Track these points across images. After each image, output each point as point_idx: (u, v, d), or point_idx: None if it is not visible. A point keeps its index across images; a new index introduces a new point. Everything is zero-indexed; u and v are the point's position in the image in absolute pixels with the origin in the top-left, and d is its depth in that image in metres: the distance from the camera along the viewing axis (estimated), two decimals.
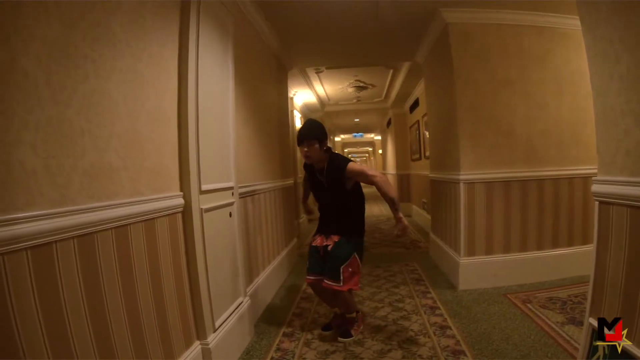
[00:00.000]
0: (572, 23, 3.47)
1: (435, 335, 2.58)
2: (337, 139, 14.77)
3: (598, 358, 1.66)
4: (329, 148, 2.66)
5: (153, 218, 1.70)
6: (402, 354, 2.36)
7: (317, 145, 2.52)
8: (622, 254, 1.60)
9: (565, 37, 3.51)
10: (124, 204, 1.50)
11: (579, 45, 3.49)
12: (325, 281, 2.52)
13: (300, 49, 4.62)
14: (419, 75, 5.95)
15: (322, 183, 2.62)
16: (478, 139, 3.49)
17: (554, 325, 2.58)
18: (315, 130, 2.56)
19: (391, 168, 10.46)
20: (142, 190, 1.65)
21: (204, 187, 2.10)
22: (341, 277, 2.48)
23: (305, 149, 2.53)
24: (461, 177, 3.46)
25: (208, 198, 2.16)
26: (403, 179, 8.95)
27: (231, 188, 2.54)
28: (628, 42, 1.51)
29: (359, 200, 2.68)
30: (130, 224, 1.54)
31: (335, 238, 2.57)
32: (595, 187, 1.79)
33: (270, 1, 3.28)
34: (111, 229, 1.43)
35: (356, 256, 2.56)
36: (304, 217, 7.71)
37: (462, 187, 3.47)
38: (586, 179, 3.55)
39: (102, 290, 1.37)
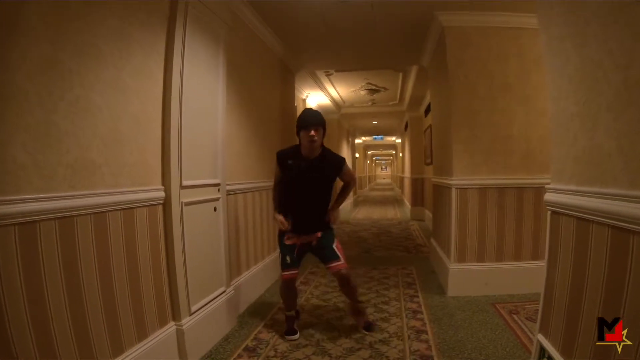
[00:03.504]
0: None
1: (409, 338, 2.75)
2: (358, 140, 14.98)
3: None
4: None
5: (132, 208, 2.03)
6: (370, 353, 2.55)
7: (322, 131, 2.67)
8: (568, 270, 1.63)
9: None
10: (103, 193, 1.83)
11: None
12: (332, 266, 2.74)
13: (305, 53, 4.92)
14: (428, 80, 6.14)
15: (307, 175, 2.68)
16: (473, 144, 3.63)
17: (533, 338, 2.63)
18: (320, 116, 2.70)
19: (407, 172, 10.60)
20: (123, 183, 1.97)
21: (186, 182, 2.42)
22: (339, 254, 2.75)
23: (313, 133, 2.60)
24: (453, 182, 3.63)
25: (190, 193, 2.48)
26: (417, 183, 9.10)
27: (217, 185, 2.85)
28: (575, 39, 1.52)
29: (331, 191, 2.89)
30: (108, 211, 1.86)
31: (318, 234, 2.77)
32: (547, 196, 1.83)
33: (270, 9, 3.58)
34: (90, 214, 1.76)
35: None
36: None
37: (453, 193, 3.63)
38: None
39: (79, 265, 1.69)
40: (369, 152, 20.81)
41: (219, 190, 2.88)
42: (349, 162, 11.89)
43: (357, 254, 5.58)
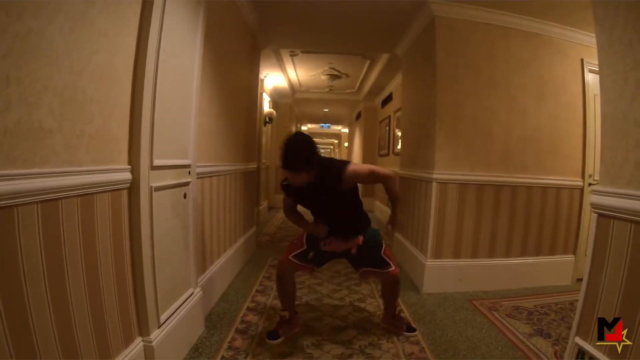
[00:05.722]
0: (557, 31, 3.52)
1: (399, 340, 2.50)
2: (303, 127, 14.57)
3: None
4: (319, 160, 2.17)
5: (92, 193, 1.47)
6: (363, 359, 2.26)
7: (305, 174, 2.10)
8: (620, 273, 1.54)
9: (550, 44, 3.53)
10: (56, 173, 1.26)
11: (563, 54, 3.55)
12: (384, 272, 2.45)
13: (278, 27, 4.38)
14: (396, 69, 5.88)
15: (318, 197, 2.28)
16: (455, 139, 3.44)
17: (521, 336, 2.56)
18: (299, 158, 2.05)
19: (357, 162, 10.44)
20: (81, 159, 1.41)
21: (157, 162, 1.87)
22: (389, 261, 2.45)
23: (289, 176, 2.15)
24: (434, 176, 3.40)
25: (160, 175, 1.93)
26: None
27: (188, 166, 2.32)
28: None
29: (357, 194, 2.42)
30: (61, 198, 1.30)
31: (360, 240, 2.37)
32: (595, 199, 1.72)
33: None
34: (37, 202, 1.19)
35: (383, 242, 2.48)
36: (264, 204, 7.53)
37: (434, 187, 3.41)
38: (559, 190, 3.63)
39: (22, 273, 1.13)
40: None
41: (189, 172, 2.35)
42: None
43: None
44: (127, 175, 1.71)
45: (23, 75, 1.12)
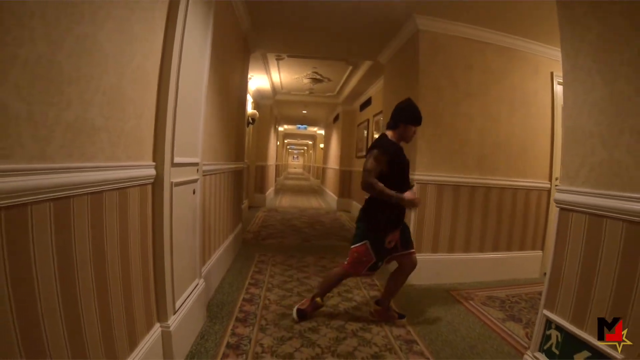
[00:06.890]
0: (530, 47, 3.80)
1: (386, 325, 2.69)
2: (280, 128, 14.62)
3: (551, 345, 1.87)
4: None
5: (127, 187, 1.54)
6: (357, 341, 2.42)
7: None
8: (578, 256, 1.80)
9: (523, 60, 3.82)
10: (101, 167, 1.34)
11: (535, 67, 3.83)
12: (411, 252, 2.68)
13: (269, 31, 4.45)
14: (377, 76, 6.09)
15: (407, 163, 2.67)
16: (435, 143, 3.66)
17: (495, 321, 2.81)
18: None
19: (333, 163, 10.61)
20: (120, 155, 1.48)
21: (176, 159, 1.95)
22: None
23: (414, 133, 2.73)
24: (415, 177, 3.60)
25: (178, 172, 2.02)
26: (345, 175, 9.12)
27: (197, 164, 2.40)
28: (606, 75, 1.71)
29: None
30: (105, 191, 1.38)
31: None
32: (557, 195, 1.98)
33: None
34: (87, 194, 1.27)
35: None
36: (245, 203, 7.56)
37: (414, 187, 3.58)
38: (529, 191, 3.93)
39: (74, 262, 1.21)
40: (285, 141, 20.52)
41: (197, 170, 2.43)
42: (272, 149, 11.48)
43: (298, 243, 5.35)
44: (152, 172, 1.78)
45: (81, 75, 1.20)
